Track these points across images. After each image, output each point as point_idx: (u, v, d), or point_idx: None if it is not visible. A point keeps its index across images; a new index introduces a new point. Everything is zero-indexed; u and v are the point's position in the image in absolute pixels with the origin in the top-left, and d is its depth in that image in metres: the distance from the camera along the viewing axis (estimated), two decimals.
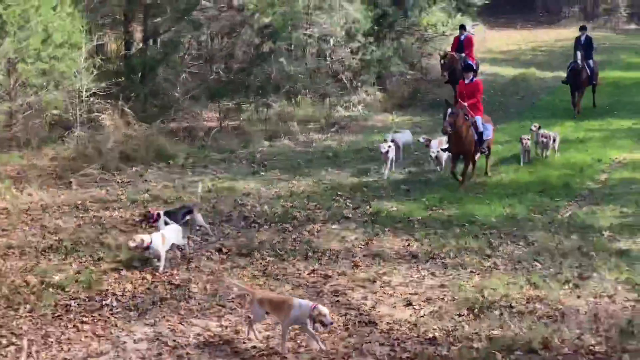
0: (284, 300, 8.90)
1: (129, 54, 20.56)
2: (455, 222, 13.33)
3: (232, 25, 21.58)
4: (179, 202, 13.92)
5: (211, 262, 11.45)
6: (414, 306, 10.00)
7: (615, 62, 35.47)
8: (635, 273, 10.97)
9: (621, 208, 14.05)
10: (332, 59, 23.83)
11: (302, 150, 19.21)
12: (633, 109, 23.83)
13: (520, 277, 10.88)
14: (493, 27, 45.92)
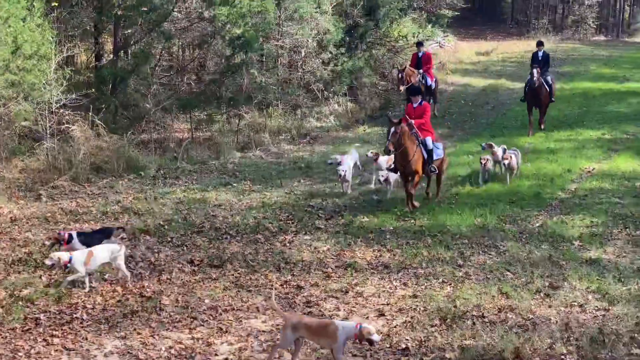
0: (326, 325, 8.50)
1: (100, 65, 20.45)
2: (426, 232, 13.38)
3: (203, 37, 21.54)
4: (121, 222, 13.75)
5: (183, 274, 11.37)
6: (387, 316, 10.00)
7: (584, 73, 35.89)
8: (605, 282, 11.07)
9: (591, 218, 14.18)
10: (303, 70, 23.85)
11: (274, 161, 19.20)
12: (602, 120, 24.09)
13: (491, 286, 10.92)
14: (463, 38, 46.29)
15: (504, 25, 57.74)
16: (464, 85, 31.62)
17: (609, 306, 10.29)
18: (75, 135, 17.09)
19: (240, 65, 20.82)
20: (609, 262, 11.96)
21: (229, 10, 19.90)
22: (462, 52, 39.61)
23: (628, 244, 12.85)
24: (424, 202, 15.13)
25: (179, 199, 15.31)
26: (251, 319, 9.89)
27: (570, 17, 58.07)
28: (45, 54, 16.23)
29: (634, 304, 10.31)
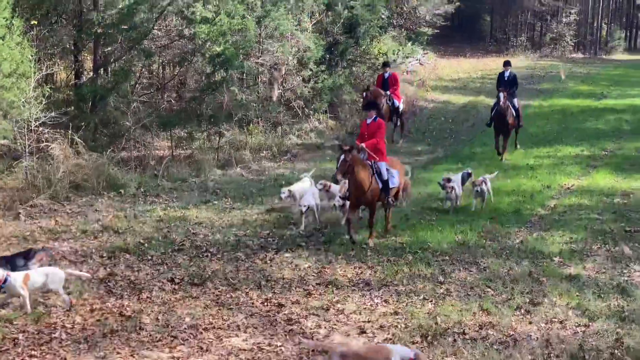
0: (378, 350, 8.28)
1: (79, 83, 20.39)
2: (407, 249, 13.39)
3: (183, 54, 21.54)
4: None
5: (163, 293, 11.30)
6: (368, 334, 9.97)
7: (563, 90, 36.19)
8: (585, 298, 11.12)
9: (571, 234, 14.26)
10: (284, 87, 23.89)
11: (255, 179, 19.17)
12: (580, 136, 24.29)
13: (472, 303, 10.93)
14: (443, 55, 46.57)
15: (483, 42, 58.21)
16: (444, 102, 31.80)
17: (589, 322, 10.33)
18: (54, 153, 16.97)
19: (221, 83, 20.82)
20: (589, 278, 12.01)
21: (209, 28, 19.92)
22: (441, 70, 39.84)
23: (607, 260, 12.91)
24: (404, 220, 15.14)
25: (159, 217, 15.23)
26: (232, 338, 9.82)
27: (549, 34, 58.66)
28: (25, 72, 16.14)
29: (613, 320, 10.35)
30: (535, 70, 44.19)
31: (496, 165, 19.81)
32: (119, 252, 13.00)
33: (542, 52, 55.93)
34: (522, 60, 49.94)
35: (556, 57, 54.65)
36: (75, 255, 12.83)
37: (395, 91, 22.72)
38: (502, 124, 20.68)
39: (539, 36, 60.57)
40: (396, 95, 22.67)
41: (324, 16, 26.38)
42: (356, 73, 28.13)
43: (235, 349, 9.49)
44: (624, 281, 11.87)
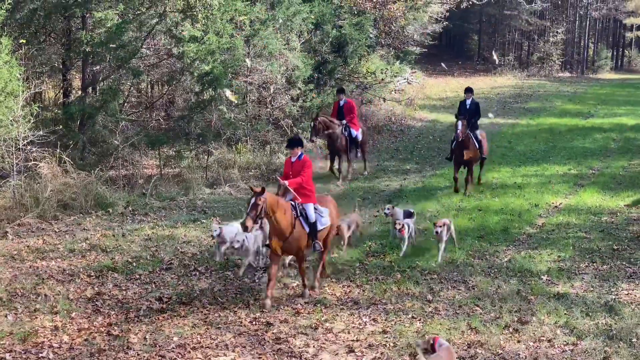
0: None
1: (68, 101, 20.37)
2: (396, 267, 13.39)
3: (171, 73, 21.57)
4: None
5: (151, 312, 11.27)
6: (356, 353, 9.98)
7: (550, 108, 36.39)
8: (573, 317, 11.16)
9: (558, 252, 14.30)
10: (272, 106, 23.93)
11: (243, 197, 19.10)
12: (568, 155, 24.40)
13: (461, 322, 10.95)
14: (431, 74, 46.80)
15: (471, 62, 58.53)
16: (432, 121, 31.91)
17: (577, 341, 10.37)
18: (42, 172, 16.94)
19: (209, 102, 20.84)
20: (577, 296, 12.05)
21: (198, 47, 19.96)
22: (429, 88, 40.01)
23: (595, 278, 12.95)
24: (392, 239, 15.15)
25: (147, 235, 15.22)
26: (220, 357, 9.83)
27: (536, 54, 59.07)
28: (13, 91, 16.12)
29: (601, 339, 10.40)
30: (522, 89, 44.45)
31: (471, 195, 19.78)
32: (107, 271, 13.00)
33: (530, 71, 56.30)
34: (509, 79, 50.25)
35: (543, 76, 55.01)
36: (62, 274, 12.81)
37: (353, 120, 20.91)
38: (462, 155, 18.61)
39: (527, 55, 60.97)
40: (353, 124, 20.86)
41: (313, 35, 26.49)
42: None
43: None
44: (612, 299, 11.90)
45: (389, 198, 18.74)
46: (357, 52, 27.13)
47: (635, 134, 29.09)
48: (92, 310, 11.26)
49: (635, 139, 27.91)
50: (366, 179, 21.18)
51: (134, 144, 19.85)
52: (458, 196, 18.58)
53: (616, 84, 53.33)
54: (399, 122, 31.03)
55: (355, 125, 20.87)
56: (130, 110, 22.34)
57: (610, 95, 44.62)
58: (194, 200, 18.48)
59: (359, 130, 21.03)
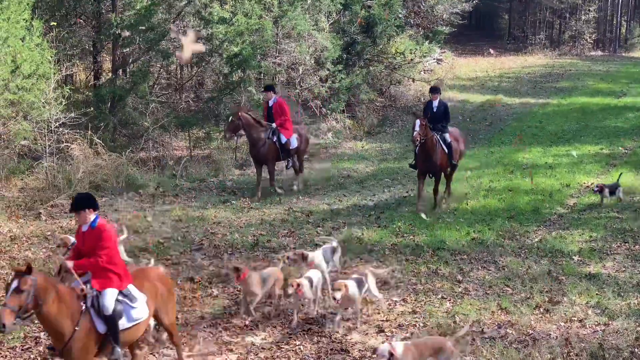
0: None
1: (98, 83, 20.53)
2: (425, 248, 13.36)
3: (201, 55, 21.60)
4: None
5: (182, 291, 11.34)
6: (386, 333, 10.00)
7: (582, 88, 35.98)
8: (605, 297, 11.09)
9: (590, 232, 14.21)
10: (301, 87, 23.91)
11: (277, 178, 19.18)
12: (599, 135, 24.15)
13: (491, 302, 10.93)
14: (461, 54, 46.44)
15: (501, 41, 57.95)
16: (462, 101, 31.70)
17: (608, 321, 10.31)
18: (74, 153, 17.10)
19: (238, 83, 20.86)
20: (609, 276, 11.97)
21: (227, 28, 19.97)
22: (459, 68, 39.73)
23: (627, 258, 12.87)
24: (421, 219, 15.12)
25: (178, 216, 15.30)
26: (251, 336, 9.89)
27: (567, 32, 58.32)
28: (44, 73, 16.27)
29: (633, 319, 10.33)
30: (554, 68, 43.97)
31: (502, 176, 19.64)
32: (139, 251, 13.03)
33: (561, 50, 55.60)
34: (540, 58, 49.69)
35: (575, 54, 54.34)
36: None
37: (285, 123, 17.26)
38: (426, 162, 15.77)
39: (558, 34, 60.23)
40: (285, 129, 17.26)
41: (341, 16, 26.38)
42: (373, 72, 28.10)
43: (255, 347, 9.56)
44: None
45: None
46: (386, 32, 26.95)
47: None
48: None
49: None
50: (395, 159, 21.09)
51: (163, 126, 19.96)
52: (487, 176, 18.48)
53: None
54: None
55: (286, 130, 17.28)
56: (160, 92, 22.45)
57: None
58: (224, 181, 18.56)
59: (293, 135, 17.43)
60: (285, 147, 17.30)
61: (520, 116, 28.52)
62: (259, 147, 17.05)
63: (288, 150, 17.45)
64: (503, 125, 26.73)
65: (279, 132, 17.17)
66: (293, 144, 17.50)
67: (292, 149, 17.53)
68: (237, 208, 16.13)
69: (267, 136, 17.08)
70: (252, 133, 17.05)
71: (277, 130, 17.15)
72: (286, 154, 17.52)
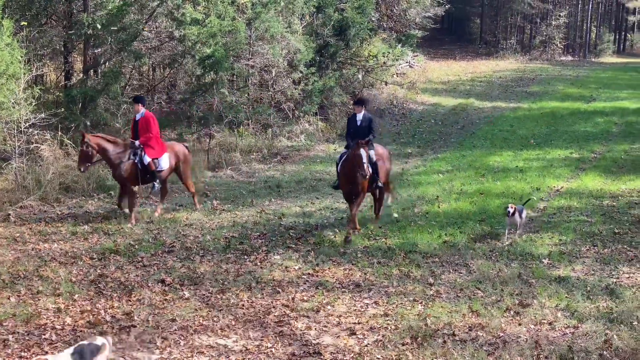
0: None
1: (69, 84, 20.34)
2: (397, 250, 13.38)
3: (173, 56, 21.53)
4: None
5: (153, 294, 11.26)
6: (358, 335, 9.97)
7: (552, 92, 36.31)
8: (574, 300, 11.15)
9: (560, 236, 14.30)
10: (274, 89, 23.89)
11: (245, 181, 19.17)
12: (569, 139, 24.38)
13: (462, 305, 10.94)
14: (433, 58, 46.67)
15: (473, 45, 58.32)
16: (434, 105, 31.88)
17: (577, 324, 10.35)
18: (44, 154, 16.97)
19: (211, 85, 20.80)
20: (578, 279, 12.04)
21: (199, 29, 19.92)
22: (431, 72, 39.93)
23: (596, 261, 12.95)
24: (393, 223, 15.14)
25: (149, 218, 15.22)
26: (222, 339, 9.82)
27: (538, 37, 58.84)
28: (14, 73, 16.10)
29: (602, 322, 10.38)
30: (525, 73, 44.34)
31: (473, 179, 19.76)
32: (109, 253, 12.99)
33: (532, 54, 56.11)
34: (512, 62, 50.09)
35: (545, 59, 54.82)
36: (65, 257, 12.81)
37: (149, 141, 15.09)
38: (351, 183, 14.11)
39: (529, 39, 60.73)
40: (149, 147, 15.12)
41: (314, 18, 26.41)
42: (346, 75, 28.17)
43: (226, 350, 9.48)
44: (613, 283, 11.90)
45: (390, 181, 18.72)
46: (359, 35, 27.06)
47: (637, 118, 29.05)
48: (95, 292, 11.24)
49: (637, 123, 27.88)
50: None
51: None
52: (459, 180, 18.57)
53: (618, 67, 53.17)
54: (400, 105, 31.01)
55: (151, 149, 15.12)
56: (132, 93, 22.30)
57: (613, 79, 44.49)
58: (196, 183, 18.42)
59: (164, 155, 15.37)
60: (147, 169, 15.08)
61: (491, 120, 28.71)
62: (116, 167, 14.91)
63: (153, 174, 15.21)
64: (474, 129, 26.88)
65: (143, 152, 15.00)
66: (161, 165, 15.29)
67: (159, 171, 15.30)
68: (209, 210, 16.07)
69: (128, 156, 14.94)
70: (108, 154, 14.84)
71: (141, 148, 15.01)
72: (151, 176, 15.27)
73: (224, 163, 20.22)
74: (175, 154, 15.69)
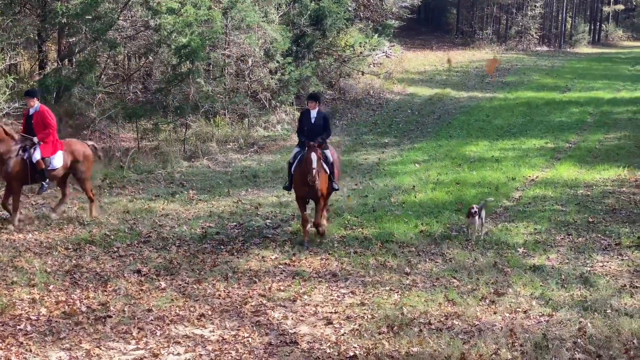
0: None
1: (43, 73, 20.14)
2: (373, 240, 13.40)
3: (149, 45, 21.38)
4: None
5: (129, 284, 11.20)
6: (335, 325, 9.98)
7: (528, 82, 36.47)
8: (549, 288, 11.21)
9: (535, 225, 14.38)
10: (250, 79, 23.81)
11: (221, 170, 19.11)
12: (544, 129, 24.50)
13: (438, 294, 10.97)
14: (410, 48, 46.69)
15: (449, 35, 58.42)
16: (411, 95, 31.90)
17: (552, 312, 10.41)
18: None
19: (187, 74, 20.69)
20: (553, 268, 12.11)
21: (175, 19, 19.80)
22: (408, 62, 39.95)
23: (570, 250, 13.03)
24: (370, 212, 15.16)
25: (125, 208, 15.14)
26: (199, 329, 9.79)
27: (514, 27, 59.02)
28: None
29: (576, 310, 10.44)
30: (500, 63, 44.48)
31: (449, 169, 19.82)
32: (85, 244, 12.91)
33: (508, 45, 56.26)
34: (487, 52, 50.23)
35: (521, 49, 55.01)
36: (40, 247, 12.70)
37: (46, 138, 13.83)
38: (308, 187, 12.97)
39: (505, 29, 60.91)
40: (45, 144, 13.83)
41: (291, 8, 26.33)
42: (323, 65, 28.14)
43: (203, 340, 9.46)
44: (587, 271, 11.98)
45: (367, 171, 18.77)
46: (335, 25, 27.02)
47: (611, 108, 29.26)
48: (70, 282, 11.16)
49: (611, 113, 28.09)
50: (345, 152, 21.13)
51: (111, 117, 19.73)
52: (436, 169, 18.61)
53: (593, 58, 53.48)
54: (377, 95, 31.00)
55: (46, 146, 13.83)
56: (107, 83, 22.19)
57: (587, 69, 44.74)
58: (172, 173, 18.41)
59: (57, 153, 13.98)
60: (37, 166, 13.74)
61: (467, 110, 28.78)
62: (2, 163, 13.58)
63: (42, 171, 13.84)
64: (451, 119, 26.96)
65: (38, 148, 13.73)
66: (53, 164, 13.95)
67: (50, 170, 13.96)
68: (186, 200, 16.01)
69: (17, 152, 13.65)
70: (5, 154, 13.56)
71: (35, 146, 13.73)
72: (41, 176, 13.93)
73: (200, 153, 20.14)
74: (72, 153, 14.22)
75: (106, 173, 17.50)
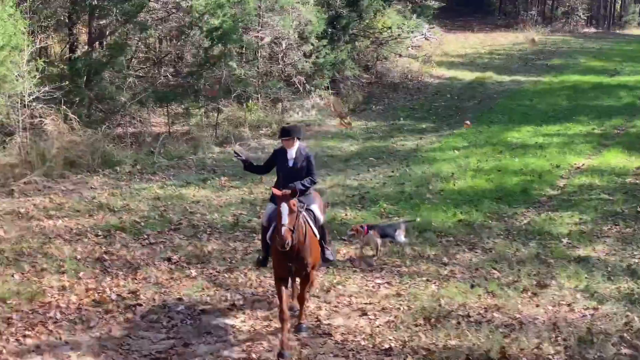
0: None
1: (74, 56, 20.06)
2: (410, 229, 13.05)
3: (180, 27, 21.22)
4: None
5: (159, 272, 11.05)
6: (369, 316, 9.79)
7: (574, 65, 35.91)
8: (594, 280, 10.89)
9: (580, 215, 14.01)
10: (284, 62, 23.53)
11: (254, 156, 18.84)
12: (592, 114, 24.04)
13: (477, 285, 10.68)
14: (450, 30, 46.23)
15: (492, 16, 57.62)
16: (450, 79, 31.55)
17: (597, 305, 10.12)
18: (48, 129, 16.82)
19: (219, 58, 20.49)
20: (598, 260, 11.77)
21: (207, 0, 19.58)
22: (448, 44, 39.51)
23: (618, 241, 12.65)
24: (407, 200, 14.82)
25: (155, 195, 15.02)
26: (230, 319, 9.66)
27: (560, 8, 58.14)
28: (18, 45, 15.93)
29: (623, 303, 10.15)
30: (546, 45, 43.82)
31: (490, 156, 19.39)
32: (115, 230, 12.79)
33: (553, 26, 55.30)
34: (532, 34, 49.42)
35: (567, 31, 54.12)
36: (69, 234, 12.60)
37: None
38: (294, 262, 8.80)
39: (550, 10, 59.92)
40: None
41: None
42: (359, 48, 27.83)
43: (234, 330, 9.36)
44: (635, 263, 11.61)
45: (404, 158, 18.46)
46: (372, 6, 26.69)
47: None
48: (100, 270, 11.07)
49: None
50: (381, 138, 20.84)
51: (141, 101, 19.64)
52: (476, 156, 18.24)
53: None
54: (415, 79, 30.73)
55: None
56: (138, 66, 22.11)
57: (637, 51, 43.68)
58: (204, 159, 18.32)
59: None
60: None
61: (510, 94, 28.39)
62: None
63: None
64: (492, 104, 26.56)
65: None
66: None
67: None
68: (217, 187, 15.85)
69: None
70: None
71: None
72: None
73: (232, 138, 19.96)
74: None
75: (136, 158, 17.42)
